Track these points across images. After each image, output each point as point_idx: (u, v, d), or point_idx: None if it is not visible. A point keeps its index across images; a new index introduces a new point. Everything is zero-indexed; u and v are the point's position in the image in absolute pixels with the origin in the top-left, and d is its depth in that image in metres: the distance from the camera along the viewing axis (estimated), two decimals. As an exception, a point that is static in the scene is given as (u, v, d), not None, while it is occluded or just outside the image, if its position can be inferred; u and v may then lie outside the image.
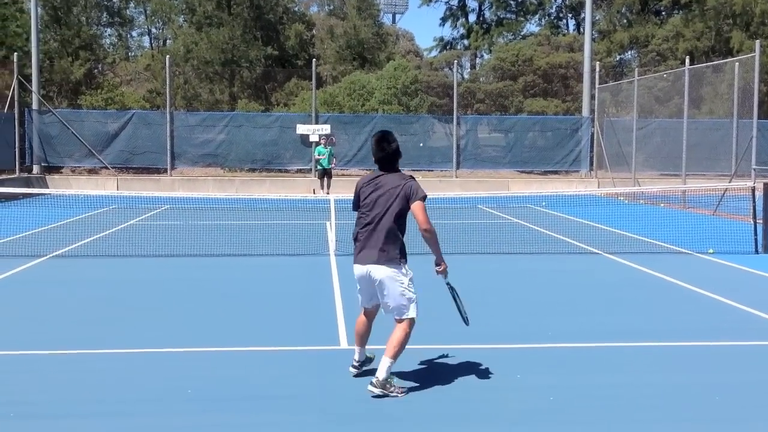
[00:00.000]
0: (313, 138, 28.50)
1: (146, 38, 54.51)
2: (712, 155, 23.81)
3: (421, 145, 30.60)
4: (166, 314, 9.03)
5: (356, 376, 6.58)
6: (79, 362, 7.09)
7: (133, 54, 50.60)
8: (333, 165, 25.75)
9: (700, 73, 25.56)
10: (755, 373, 6.88)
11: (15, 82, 28.17)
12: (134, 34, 53.17)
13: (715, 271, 12.16)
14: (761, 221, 13.87)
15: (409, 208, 6.41)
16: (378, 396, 6.06)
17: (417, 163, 30.82)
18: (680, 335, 8.07)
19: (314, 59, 32.01)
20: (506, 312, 9.23)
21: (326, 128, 29.32)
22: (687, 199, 22.30)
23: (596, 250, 13.91)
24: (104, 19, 45.59)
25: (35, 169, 29.51)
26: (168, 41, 49.32)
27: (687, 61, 23.38)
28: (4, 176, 26.82)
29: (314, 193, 24.50)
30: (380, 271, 6.27)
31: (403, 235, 6.50)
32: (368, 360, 6.77)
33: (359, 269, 6.36)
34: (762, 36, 34.74)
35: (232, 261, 12.85)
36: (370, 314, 6.64)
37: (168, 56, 31.50)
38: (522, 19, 53.93)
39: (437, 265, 6.66)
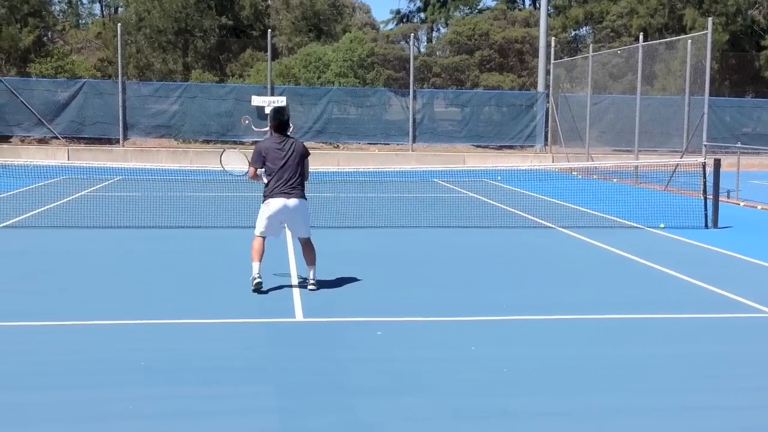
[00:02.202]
0: (269, 110, 28.22)
1: (97, 5, 53.30)
2: (664, 131, 24.11)
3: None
4: (119, 286, 8.92)
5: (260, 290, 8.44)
6: (28, 334, 6.99)
7: (83, 22, 49.46)
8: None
9: (653, 49, 25.81)
10: (704, 344, 7.04)
11: (-39, 49, 27.39)
12: (85, 1, 51.97)
13: (665, 245, 12.37)
14: (711, 197, 14.12)
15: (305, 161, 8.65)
16: (315, 289, 8.51)
17: (373, 136, 30.75)
18: (632, 308, 8.21)
19: (269, 30, 31.63)
20: (461, 285, 9.29)
21: (282, 100, 29.05)
22: (639, 175, 22.62)
23: (550, 224, 14.06)
24: (54, -15, 44.42)
25: (-18, 138, 28.82)
26: (120, 9, 48.25)
27: (641, 37, 23.60)
28: (-51, 145, 26.13)
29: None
30: (299, 204, 8.50)
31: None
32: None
33: (280, 202, 8.47)
34: (714, 14, 35.18)
35: (186, 233, 12.72)
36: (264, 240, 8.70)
37: (119, 24, 30.85)
38: (479, -8, 53.86)
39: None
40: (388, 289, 9.00)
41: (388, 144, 30.81)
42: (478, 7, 52.09)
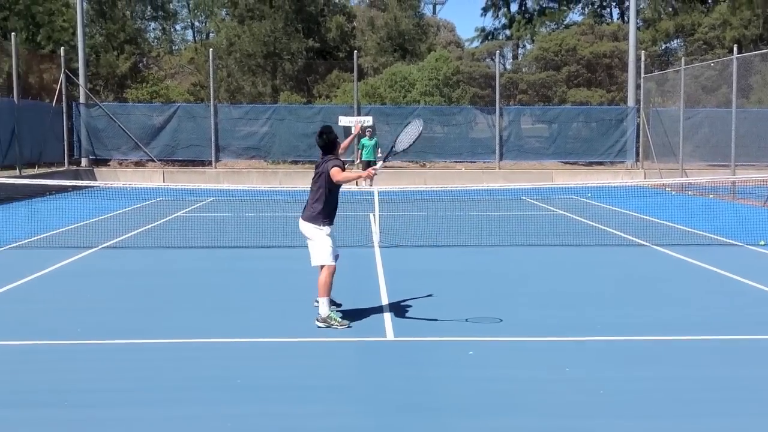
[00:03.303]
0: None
1: (189, 32, 55.07)
2: (762, 145, 23.31)
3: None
4: (213, 305, 9.12)
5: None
6: (128, 351, 7.19)
7: (176, 47, 51.10)
8: (378, 155, 25.57)
9: (749, 61, 25.04)
10: (811, 367, 6.74)
11: (62, 76, 28.63)
12: (178, 27, 53.72)
13: (766, 263, 11.92)
14: (814, 212, 13.57)
15: (329, 176, 7.94)
16: (323, 328, 7.82)
17: (459, 155, 30.70)
18: (732, 328, 7.93)
19: (355, 51, 32.02)
20: (552, 304, 9.15)
21: (368, 119, 29.32)
22: (737, 190, 21.91)
23: (644, 242, 13.74)
24: (148, 13, 46.12)
25: (83, 161, 29.98)
26: (211, 34, 49.73)
27: (735, 49, 22.93)
28: (53, 169, 27.29)
29: (356, 185, 24.51)
30: (303, 225, 8.11)
31: (326, 202, 8.03)
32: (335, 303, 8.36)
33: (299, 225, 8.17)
34: (813, 23, 33.93)
35: (276, 252, 12.93)
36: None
37: (211, 49, 31.74)
38: (565, 8, 53.35)
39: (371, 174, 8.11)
40: (478, 308, 8.93)
41: (475, 162, 30.71)
42: (565, 23, 51.57)
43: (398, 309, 8.71)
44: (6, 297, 9.50)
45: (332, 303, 8.21)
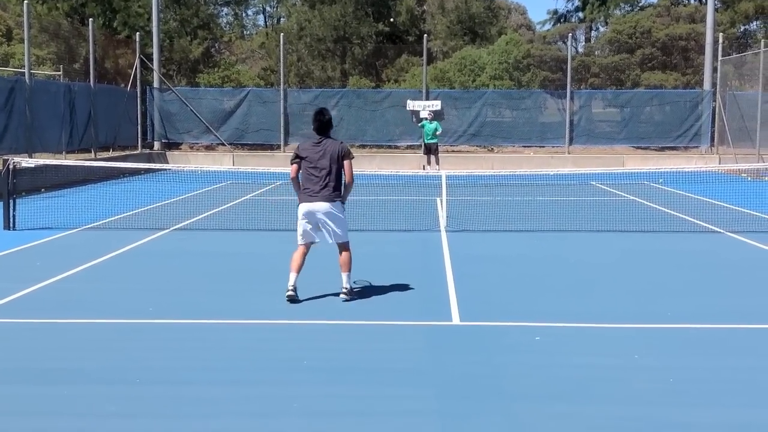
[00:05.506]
0: (423, 114, 28.48)
1: (261, 17, 55.61)
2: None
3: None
4: (281, 287, 9.20)
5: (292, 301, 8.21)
6: (198, 331, 7.33)
7: (248, 32, 51.68)
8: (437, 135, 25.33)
9: (833, 43, 24.12)
10: None
11: (137, 61, 29.23)
12: (249, 12, 54.29)
13: None
14: None
15: (343, 163, 8.34)
16: (348, 300, 8.26)
17: (528, 139, 30.36)
18: (810, 318, 7.69)
19: (425, 35, 31.88)
20: (621, 290, 9.00)
21: (437, 104, 29.20)
22: (817, 177, 21.17)
23: (718, 229, 13.39)
24: (221, -1, 46.72)
25: (156, 145, 30.59)
26: (282, 19, 50.11)
27: (819, 30, 22.08)
28: (127, 152, 27.95)
29: (423, 169, 24.49)
30: (327, 207, 8.26)
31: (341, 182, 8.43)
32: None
33: (311, 207, 8.29)
34: None
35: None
36: (307, 247, 8.57)
37: (282, 34, 31.99)
38: (641, -11, 52.02)
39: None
40: (545, 293, 8.84)
41: (544, 146, 30.34)
42: (640, 4, 50.31)
43: (464, 293, 8.68)
44: (81, 276, 9.78)
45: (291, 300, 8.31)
